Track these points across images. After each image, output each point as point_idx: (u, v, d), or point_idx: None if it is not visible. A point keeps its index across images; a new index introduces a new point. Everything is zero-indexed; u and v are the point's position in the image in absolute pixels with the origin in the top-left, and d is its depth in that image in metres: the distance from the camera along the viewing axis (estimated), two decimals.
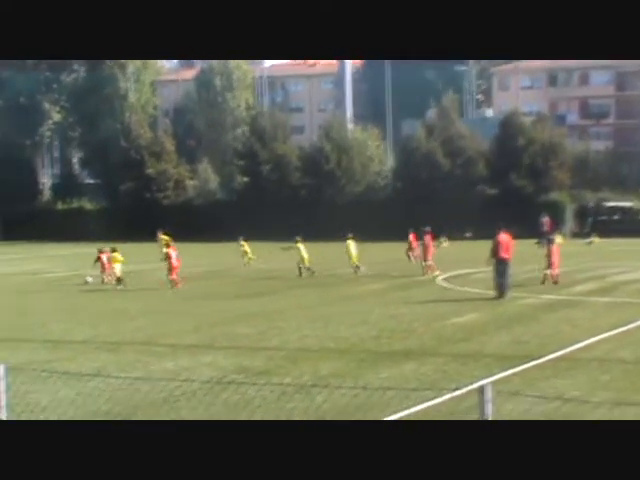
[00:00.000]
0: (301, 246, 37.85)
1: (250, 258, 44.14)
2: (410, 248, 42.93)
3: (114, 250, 35.88)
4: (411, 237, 43.09)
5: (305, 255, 37.48)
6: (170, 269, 33.29)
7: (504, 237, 27.90)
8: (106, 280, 35.13)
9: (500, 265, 27.23)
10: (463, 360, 16.58)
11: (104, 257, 36.13)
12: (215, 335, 20.76)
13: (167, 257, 33.66)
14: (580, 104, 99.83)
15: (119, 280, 33.99)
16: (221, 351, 18.30)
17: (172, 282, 32.87)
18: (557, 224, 65.40)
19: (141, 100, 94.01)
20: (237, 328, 21.82)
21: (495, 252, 27.56)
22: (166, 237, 44.58)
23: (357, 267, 37.44)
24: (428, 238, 37.67)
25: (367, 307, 25.76)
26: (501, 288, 27.04)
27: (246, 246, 44.96)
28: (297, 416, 12.04)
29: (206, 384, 14.00)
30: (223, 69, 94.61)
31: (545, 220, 60.60)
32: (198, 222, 71.12)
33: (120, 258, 35.27)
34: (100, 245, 39.88)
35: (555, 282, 30.59)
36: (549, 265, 31.09)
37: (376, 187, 75.67)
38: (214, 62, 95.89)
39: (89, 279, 35.35)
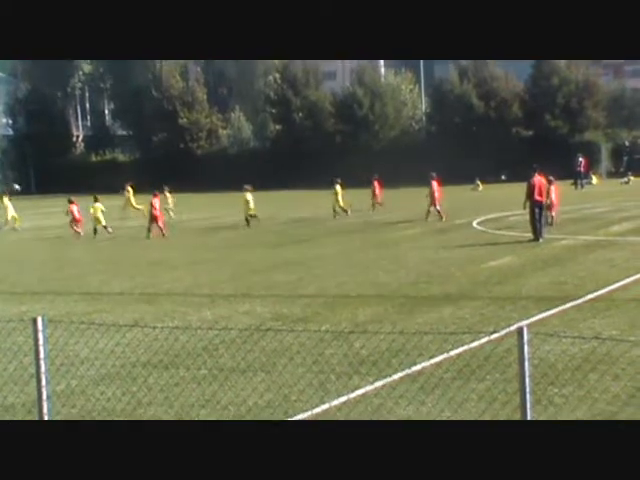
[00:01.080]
0: (249, 195, 37.86)
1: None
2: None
3: (96, 199, 37.17)
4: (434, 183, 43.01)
5: (251, 205, 37.75)
6: (153, 219, 34.49)
7: (539, 179, 27.81)
8: (77, 230, 36.37)
9: (536, 208, 27.13)
10: (500, 303, 16.58)
11: (74, 208, 36.95)
12: (252, 283, 20.88)
13: (152, 207, 34.87)
14: None
15: (96, 230, 35.62)
16: (258, 299, 18.43)
17: (149, 232, 34.25)
18: (592, 164, 64.93)
19: None
20: (274, 276, 21.93)
21: (530, 195, 27.43)
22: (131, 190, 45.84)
23: (344, 211, 39.62)
24: (434, 184, 36.84)
25: (404, 252, 25.78)
26: (537, 231, 26.96)
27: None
28: (336, 362, 12.13)
29: (244, 332, 14.12)
30: None
31: (581, 160, 59.99)
32: (233, 171, 71.30)
33: (99, 207, 36.60)
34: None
35: (551, 224, 30.15)
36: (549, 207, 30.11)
37: (410, 131, 75.29)
38: None
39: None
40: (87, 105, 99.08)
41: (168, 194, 44.74)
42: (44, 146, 79.54)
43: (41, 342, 7.98)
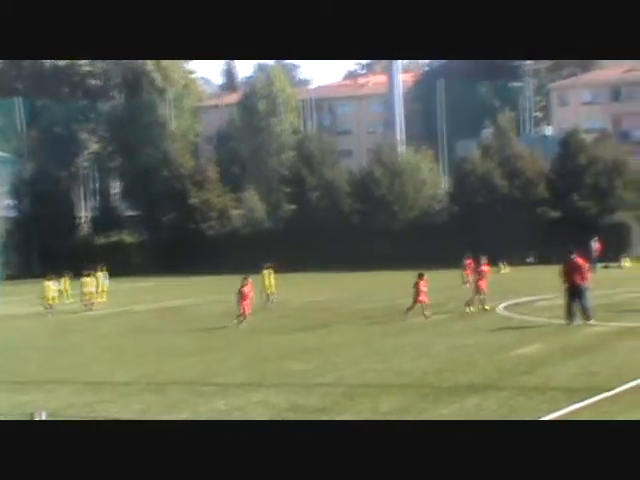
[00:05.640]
0: (266, 272, 39.20)
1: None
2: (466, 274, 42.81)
3: (87, 275, 42.75)
4: (467, 262, 43.04)
5: (267, 282, 39.09)
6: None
7: (577, 261, 28.20)
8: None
9: (572, 291, 27.50)
10: (528, 394, 16.54)
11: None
12: (266, 371, 20.89)
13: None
14: None
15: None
16: (273, 388, 18.43)
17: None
18: (623, 247, 64.87)
19: (182, 127, 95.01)
20: (289, 364, 21.94)
21: (568, 277, 27.82)
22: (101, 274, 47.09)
23: (267, 296, 39.12)
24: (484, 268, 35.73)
25: (428, 339, 25.77)
26: (575, 315, 27.32)
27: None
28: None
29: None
30: (267, 92, 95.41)
31: (595, 245, 58.82)
32: (245, 252, 71.42)
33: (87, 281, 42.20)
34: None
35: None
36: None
37: (431, 212, 75.62)
38: (257, 85, 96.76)
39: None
40: (92, 185, 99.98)
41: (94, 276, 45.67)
42: (48, 228, 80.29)
43: None
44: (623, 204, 69.75)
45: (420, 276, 32.31)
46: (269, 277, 40.06)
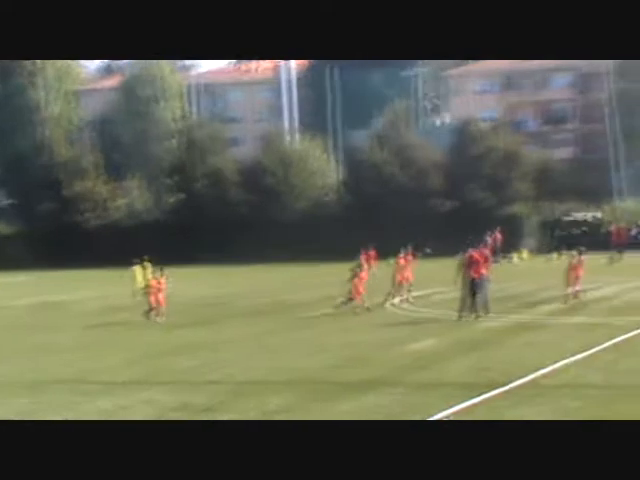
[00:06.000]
0: (138, 269, 38.17)
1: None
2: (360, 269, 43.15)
3: None
4: (362, 258, 43.41)
5: (139, 278, 37.69)
6: None
7: (475, 253, 28.59)
8: None
9: (474, 284, 27.94)
10: (424, 390, 16.90)
11: None
12: (153, 369, 20.84)
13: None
14: (540, 109, 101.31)
15: None
16: (160, 386, 18.41)
17: None
18: (519, 239, 66.37)
19: (57, 112, 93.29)
20: (177, 360, 21.92)
21: (465, 270, 28.21)
22: None
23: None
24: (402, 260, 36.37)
25: (321, 334, 26.01)
26: (471, 308, 27.76)
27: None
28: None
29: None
30: (148, 76, 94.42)
31: (496, 237, 59.62)
32: (128, 245, 70.62)
33: None
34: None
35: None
36: None
37: (323, 202, 76.04)
38: (138, 69, 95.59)
39: None
40: None
41: None
42: None
43: None
44: (519, 196, 71.30)
45: (354, 270, 32.37)
46: (144, 271, 39.57)
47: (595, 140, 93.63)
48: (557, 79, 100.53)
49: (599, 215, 73.07)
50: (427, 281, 41.59)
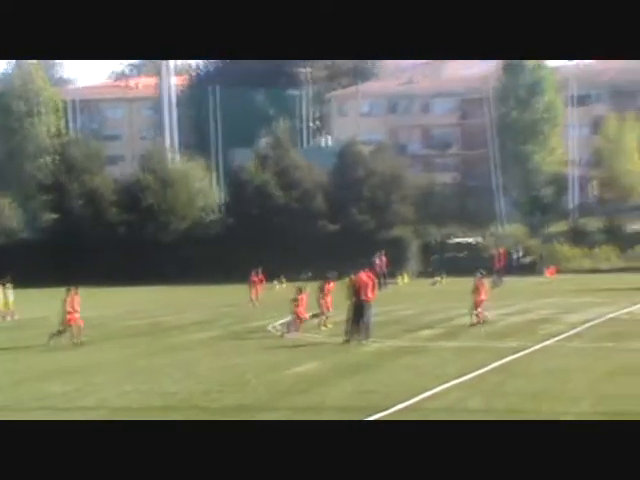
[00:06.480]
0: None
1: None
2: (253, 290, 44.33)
3: None
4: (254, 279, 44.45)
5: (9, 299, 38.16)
6: None
7: (363, 276, 28.61)
8: None
9: (358, 307, 27.96)
10: (303, 414, 16.74)
11: None
12: (20, 395, 20.22)
13: None
14: (422, 133, 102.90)
15: None
16: (30, 413, 17.84)
17: None
18: (401, 262, 67.00)
19: None
20: (46, 386, 21.33)
21: (354, 293, 28.21)
22: None
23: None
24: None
25: (195, 358, 25.69)
26: (358, 332, 27.79)
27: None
28: None
29: None
30: (23, 91, 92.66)
31: (381, 260, 59.05)
32: None
33: None
34: None
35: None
36: None
37: (204, 223, 75.65)
38: (13, 83, 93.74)
39: None
40: None
41: None
42: None
43: None
44: (400, 219, 72.09)
45: (299, 291, 32.03)
46: (3, 292, 39.20)
47: (477, 166, 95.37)
48: (439, 104, 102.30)
49: (480, 239, 74.46)
50: (308, 305, 41.58)
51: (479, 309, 32.50)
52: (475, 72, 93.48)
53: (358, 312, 28.11)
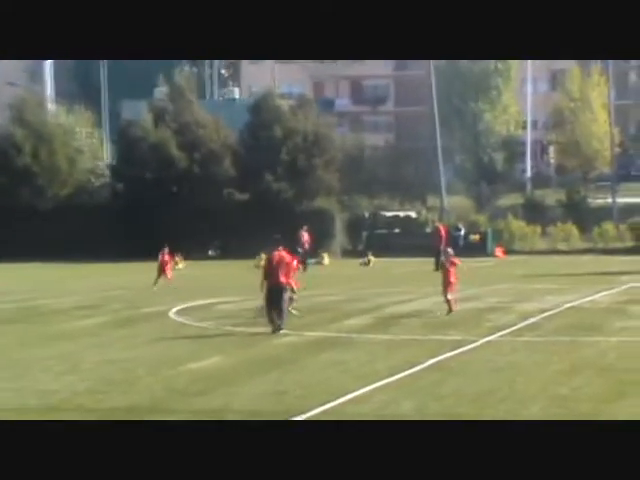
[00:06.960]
0: None
1: None
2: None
3: None
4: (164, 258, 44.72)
5: None
6: None
7: (280, 255, 28.42)
8: None
9: (273, 292, 27.92)
10: (204, 418, 16.84)
11: None
12: None
13: None
14: (351, 85, 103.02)
15: None
16: None
17: None
18: (325, 239, 67.06)
19: None
20: None
21: (269, 274, 28.10)
22: None
23: None
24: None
25: (78, 350, 25.62)
26: (276, 321, 27.76)
27: None
28: None
29: None
30: None
31: (305, 237, 59.29)
32: None
33: None
34: None
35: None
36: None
37: (90, 189, 75.02)
38: None
39: None
40: None
41: None
42: None
43: None
44: (324, 188, 72.06)
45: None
46: None
47: (414, 125, 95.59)
48: None
49: (416, 214, 74.88)
50: (212, 289, 41.66)
51: (449, 295, 32.05)
52: None
53: (275, 296, 28.04)
